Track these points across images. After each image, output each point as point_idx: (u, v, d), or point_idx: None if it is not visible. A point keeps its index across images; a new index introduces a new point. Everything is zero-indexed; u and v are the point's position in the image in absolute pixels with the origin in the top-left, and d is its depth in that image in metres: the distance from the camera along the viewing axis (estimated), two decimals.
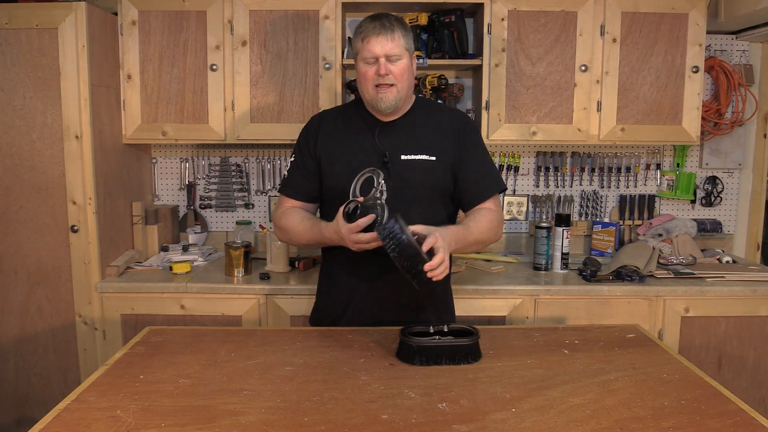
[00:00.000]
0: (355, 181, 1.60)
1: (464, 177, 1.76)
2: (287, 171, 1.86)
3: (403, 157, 1.71)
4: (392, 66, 1.66)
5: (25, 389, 2.43)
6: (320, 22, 2.51)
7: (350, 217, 1.52)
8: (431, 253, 1.46)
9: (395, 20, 1.70)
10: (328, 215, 1.76)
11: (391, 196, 1.69)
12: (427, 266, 1.43)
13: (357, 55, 1.71)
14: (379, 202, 1.52)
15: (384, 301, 1.75)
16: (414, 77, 1.78)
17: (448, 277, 1.90)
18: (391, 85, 1.66)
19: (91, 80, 2.30)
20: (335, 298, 1.83)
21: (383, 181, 1.58)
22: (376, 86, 1.67)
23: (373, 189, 1.55)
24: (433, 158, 1.72)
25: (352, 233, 1.52)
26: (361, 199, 1.55)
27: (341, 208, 1.55)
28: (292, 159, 1.84)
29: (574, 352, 1.55)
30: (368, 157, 1.71)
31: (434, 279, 1.45)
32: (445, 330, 1.52)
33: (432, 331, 1.51)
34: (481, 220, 1.72)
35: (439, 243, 1.48)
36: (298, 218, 1.76)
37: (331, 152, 1.76)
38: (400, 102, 1.70)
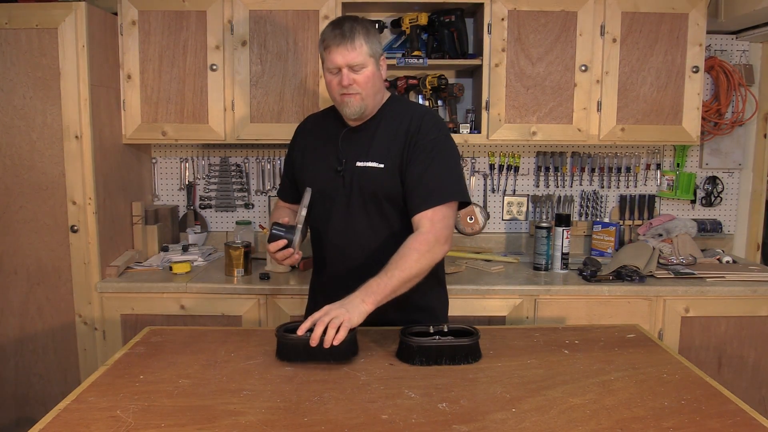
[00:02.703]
0: (302, 199, 1.69)
1: (407, 183, 1.66)
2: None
3: (358, 163, 1.70)
4: (356, 75, 1.63)
5: (25, 389, 2.42)
6: (320, 22, 2.51)
7: (270, 237, 1.66)
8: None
9: (357, 25, 1.63)
10: (312, 214, 1.76)
11: (344, 203, 1.71)
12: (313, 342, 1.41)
13: (323, 64, 1.68)
14: (297, 225, 1.64)
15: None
16: (383, 81, 1.74)
17: (430, 277, 1.78)
18: (356, 93, 1.64)
19: (90, 80, 2.30)
20: (318, 297, 1.84)
21: (306, 203, 1.65)
22: (342, 94, 1.65)
23: (303, 211, 1.66)
24: (381, 165, 1.68)
25: (270, 252, 1.65)
26: (285, 220, 1.68)
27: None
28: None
29: (574, 352, 1.55)
30: (330, 164, 1.73)
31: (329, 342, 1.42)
32: (445, 330, 1.52)
33: (432, 331, 1.51)
34: (405, 254, 1.57)
35: (323, 319, 1.42)
36: (274, 219, 1.85)
37: (303, 159, 1.82)
38: (366, 108, 1.69)
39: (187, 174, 2.96)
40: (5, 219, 2.34)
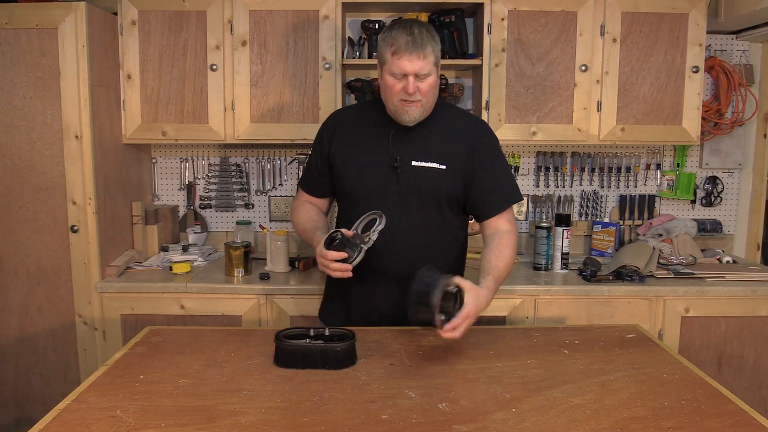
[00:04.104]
0: (362, 218, 1.63)
1: (477, 190, 1.75)
2: (305, 165, 1.94)
3: (413, 163, 1.71)
4: (421, 83, 1.62)
5: (25, 389, 2.42)
6: (320, 22, 2.51)
7: (331, 244, 1.58)
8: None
9: (426, 33, 1.63)
10: (343, 211, 1.82)
11: (398, 200, 1.71)
12: (444, 333, 1.45)
13: (384, 65, 1.65)
14: (362, 245, 1.58)
15: (390, 306, 1.76)
16: (439, 88, 1.75)
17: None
18: (417, 101, 1.64)
19: (90, 80, 2.30)
20: (341, 296, 1.84)
21: (380, 228, 1.60)
22: (402, 100, 1.64)
23: (370, 231, 1.59)
24: (443, 167, 1.71)
25: (323, 258, 1.58)
26: (350, 233, 1.60)
27: (330, 233, 1.61)
28: (310, 153, 1.89)
29: (574, 352, 1.55)
30: (380, 161, 1.72)
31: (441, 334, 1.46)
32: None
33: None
34: (504, 254, 1.69)
35: (466, 322, 1.47)
36: (304, 218, 1.83)
37: (345, 153, 1.77)
38: (424, 116, 1.70)
39: (187, 174, 2.96)
40: (5, 219, 2.34)
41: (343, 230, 1.60)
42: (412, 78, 1.61)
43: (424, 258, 1.71)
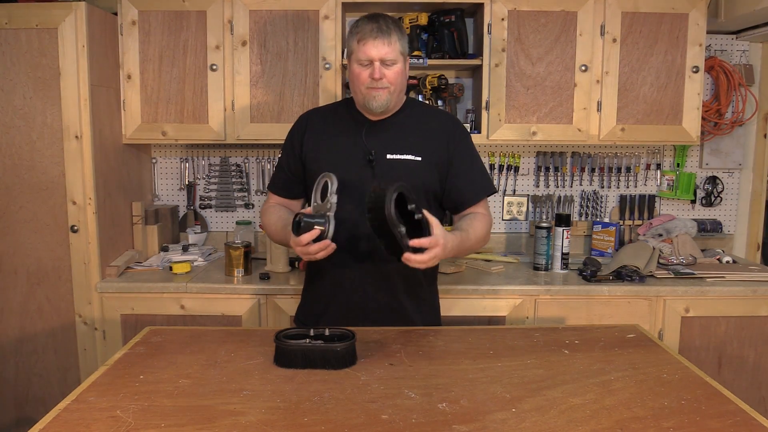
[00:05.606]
0: (314, 186, 1.61)
1: (453, 181, 1.76)
2: (275, 168, 1.92)
3: (388, 156, 1.72)
4: (386, 70, 1.66)
5: (25, 389, 2.43)
6: (320, 22, 2.51)
7: (298, 229, 1.54)
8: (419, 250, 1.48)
9: (392, 23, 1.69)
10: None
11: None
12: (407, 255, 1.46)
13: (351, 55, 1.70)
14: (328, 213, 1.54)
15: (368, 301, 1.75)
16: (407, 80, 1.78)
17: (434, 278, 1.89)
18: (384, 87, 1.67)
19: (90, 80, 2.30)
20: (318, 296, 1.83)
21: (334, 189, 1.57)
22: (369, 87, 1.67)
23: (326, 199, 1.56)
24: (419, 158, 1.72)
25: (299, 246, 1.55)
26: (308, 210, 1.58)
27: (292, 220, 1.58)
28: (280, 156, 1.89)
29: (574, 352, 1.55)
30: (354, 155, 1.72)
31: (409, 263, 1.47)
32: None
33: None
34: (477, 226, 1.71)
35: (435, 250, 1.48)
36: (274, 217, 1.81)
37: (318, 150, 1.77)
38: (392, 104, 1.71)
39: (187, 174, 2.96)
40: (5, 219, 2.34)
41: (300, 211, 1.58)
42: (378, 63, 1.65)
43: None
